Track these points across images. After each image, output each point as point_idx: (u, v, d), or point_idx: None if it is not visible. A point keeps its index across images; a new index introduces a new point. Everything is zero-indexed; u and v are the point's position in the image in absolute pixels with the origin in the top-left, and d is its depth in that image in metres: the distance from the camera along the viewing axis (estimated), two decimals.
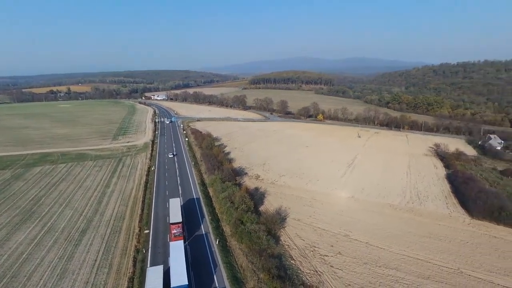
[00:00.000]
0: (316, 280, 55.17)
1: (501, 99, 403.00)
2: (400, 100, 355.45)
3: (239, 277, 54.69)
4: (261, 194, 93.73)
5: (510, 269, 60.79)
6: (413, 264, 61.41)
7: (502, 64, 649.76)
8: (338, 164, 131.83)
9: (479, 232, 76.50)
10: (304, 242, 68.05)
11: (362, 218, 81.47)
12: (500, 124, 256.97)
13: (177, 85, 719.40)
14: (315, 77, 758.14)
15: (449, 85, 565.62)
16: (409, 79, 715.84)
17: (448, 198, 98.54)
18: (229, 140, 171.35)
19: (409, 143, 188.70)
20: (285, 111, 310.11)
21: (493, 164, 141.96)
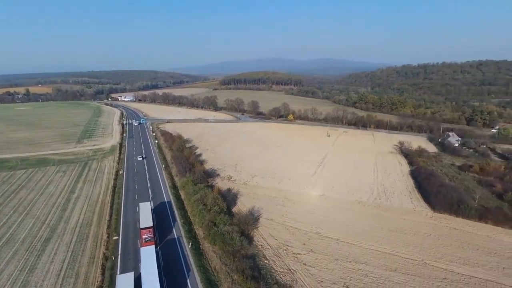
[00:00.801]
0: (289, 278, 55.91)
1: (458, 98, 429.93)
2: (366, 100, 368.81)
3: (213, 279, 54.24)
4: (234, 195, 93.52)
5: (468, 258, 64.92)
6: (381, 257, 63.88)
7: (458, 66, 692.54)
8: (309, 163, 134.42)
9: (441, 225, 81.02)
10: (277, 241, 68.72)
11: (332, 216, 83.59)
12: (458, 122, 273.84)
13: (145, 86, 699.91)
14: (285, 78, 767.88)
15: (411, 86, 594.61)
16: (374, 80, 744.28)
17: (412, 193, 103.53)
18: (201, 142, 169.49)
19: (376, 141, 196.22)
20: (256, 111, 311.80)
21: (451, 160, 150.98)
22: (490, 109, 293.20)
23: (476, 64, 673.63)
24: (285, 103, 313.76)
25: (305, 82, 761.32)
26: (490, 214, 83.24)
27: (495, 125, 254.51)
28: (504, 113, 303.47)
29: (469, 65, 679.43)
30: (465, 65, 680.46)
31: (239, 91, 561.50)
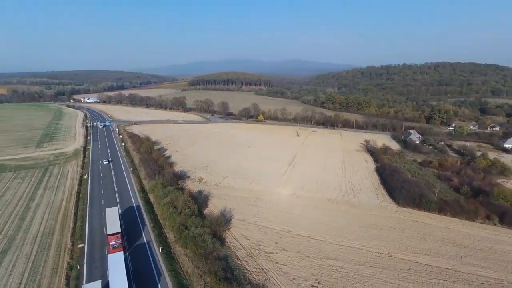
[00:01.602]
0: (262, 277, 56.27)
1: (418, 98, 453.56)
2: (334, 100, 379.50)
3: (185, 283, 53.38)
4: (205, 197, 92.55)
5: (429, 249, 68.77)
6: (350, 252, 66.01)
7: (418, 68, 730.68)
8: (280, 163, 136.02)
9: (405, 218, 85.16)
10: (249, 241, 68.91)
11: (303, 214, 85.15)
12: (418, 120, 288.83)
13: (111, 87, 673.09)
14: (254, 79, 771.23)
15: (375, 86, 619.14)
16: (341, 81, 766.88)
17: (378, 189, 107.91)
18: (170, 143, 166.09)
19: (343, 140, 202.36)
20: (226, 112, 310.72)
21: (413, 156, 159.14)
22: (446, 108, 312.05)
23: (434, 66, 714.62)
24: (255, 103, 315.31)
25: (275, 83, 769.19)
26: (448, 207, 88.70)
27: (451, 123, 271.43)
28: (459, 111, 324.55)
29: (428, 66, 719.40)
30: (424, 67, 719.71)
31: (208, 92, 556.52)
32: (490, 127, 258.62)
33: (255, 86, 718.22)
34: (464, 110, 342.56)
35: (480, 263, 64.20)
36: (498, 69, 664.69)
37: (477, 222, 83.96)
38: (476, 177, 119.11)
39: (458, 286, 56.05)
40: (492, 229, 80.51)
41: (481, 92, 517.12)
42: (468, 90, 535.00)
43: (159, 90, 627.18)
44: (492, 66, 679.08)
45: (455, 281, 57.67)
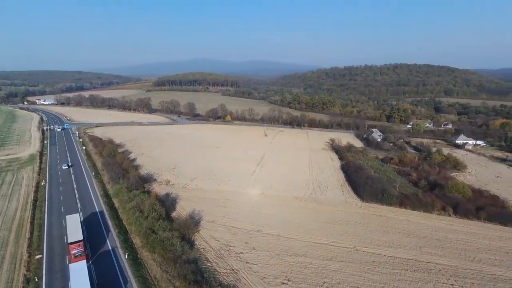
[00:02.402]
0: (233, 278, 56.11)
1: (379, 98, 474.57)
2: (300, 100, 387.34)
3: None
4: (173, 200, 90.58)
5: (392, 241, 72.26)
6: (318, 249, 67.67)
7: (378, 69, 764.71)
8: (248, 163, 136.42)
9: (369, 213, 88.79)
10: (219, 242, 68.43)
11: (272, 213, 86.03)
12: (379, 119, 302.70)
13: (69, 88, 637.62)
14: (221, 79, 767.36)
15: (339, 86, 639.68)
16: (306, 81, 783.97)
17: (343, 186, 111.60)
18: (134, 146, 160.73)
19: (309, 139, 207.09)
20: (193, 113, 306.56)
21: (375, 153, 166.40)
22: (405, 107, 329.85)
23: (393, 67, 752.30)
24: (222, 104, 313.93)
25: (242, 83, 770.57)
26: (408, 200, 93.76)
27: (409, 121, 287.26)
28: (416, 110, 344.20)
29: (387, 68, 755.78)
30: (384, 68, 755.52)
31: (174, 93, 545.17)
32: (444, 125, 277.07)
33: (222, 87, 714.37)
34: (421, 109, 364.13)
35: (437, 252, 68.43)
36: (449, 71, 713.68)
37: (434, 214, 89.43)
38: (432, 171, 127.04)
39: (418, 275, 59.33)
40: (447, 220, 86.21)
41: (435, 92, 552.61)
42: (424, 90, 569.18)
43: (122, 91, 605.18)
44: (445, 68, 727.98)
45: (415, 270, 61.00)
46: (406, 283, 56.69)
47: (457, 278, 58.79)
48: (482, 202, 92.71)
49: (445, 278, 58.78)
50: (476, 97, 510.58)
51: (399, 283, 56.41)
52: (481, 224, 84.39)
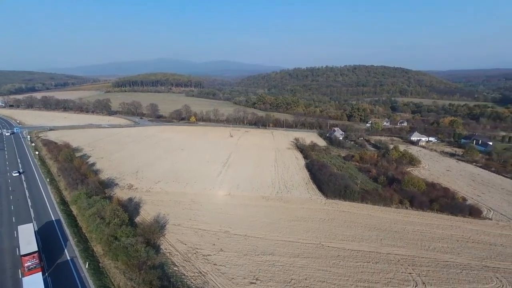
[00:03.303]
0: (201, 281, 55.39)
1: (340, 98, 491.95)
2: (264, 100, 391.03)
3: None
4: (136, 204, 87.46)
5: (355, 236, 75.31)
6: (285, 246, 68.76)
7: (338, 70, 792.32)
8: (214, 164, 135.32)
9: (333, 209, 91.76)
10: (186, 246, 67.22)
11: (239, 213, 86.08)
12: (341, 118, 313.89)
13: (19, 89, 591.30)
14: (185, 80, 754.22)
15: (302, 87, 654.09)
16: (270, 82, 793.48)
17: (308, 184, 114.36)
18: (93, 150, 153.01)
19: (275, 139, 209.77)
20: (156, 114, 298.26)
21: (338, 151, 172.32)
22: (364, 107, 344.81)
23: (352, 68, 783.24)
24: (186, 105, 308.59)
25: (206, 84, 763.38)
26: (369, 196, 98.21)
27: (368, 120, 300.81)
28: (374, 109, 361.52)
29: (347, 69, 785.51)
30: (344, 69, 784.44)
31: (136, 94, 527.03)
32: (400, 123, 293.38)
33: (185, 88, 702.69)
34: (378, 108, 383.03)
35: (396, 243, 72.37)
36: (404, 72, 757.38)
37: (392, 207, 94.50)
38: (390, 167, 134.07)
39: (379, 266, 62.33)
40: (404, 212, 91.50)
41: (391, 92, 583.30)
42: (381, 90, 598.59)
43: (78, 92, 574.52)
44: (399, 69, 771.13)
45: (377, 261, 64.04)
46: (369, 274, 59.31)
47: (414, 267, 62.55)
48: (435, 195, 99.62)
49: (403, 267, 62.29)
50: (427, 96, 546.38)
51: (362, 275, 58.89)
52: (435, 215, 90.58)
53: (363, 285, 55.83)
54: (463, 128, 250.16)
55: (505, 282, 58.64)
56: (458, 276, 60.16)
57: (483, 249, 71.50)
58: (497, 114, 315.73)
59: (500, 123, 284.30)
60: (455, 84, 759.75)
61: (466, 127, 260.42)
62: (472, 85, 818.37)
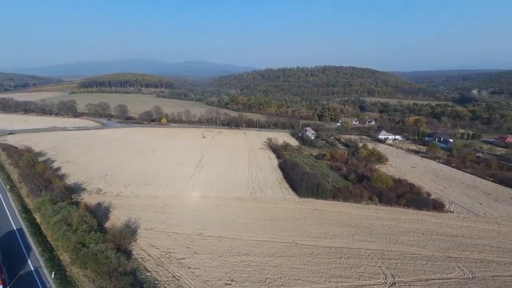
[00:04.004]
0: (175, 285, 54.41)
1: (311, 98, 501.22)
2: (237, 101, 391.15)
3: None
4: (106, 210, 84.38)
5: (327, 233, 77.09)
6: (260, 246, 69.10)
7: (309, 70, 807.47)
8: (187, 165, 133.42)
9: (306, 208, 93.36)
10: (159, 250, 65.75)
11: (213, 215, 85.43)
12: (312, 118, 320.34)
13: None
14: (155, 80, 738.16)
15: (274, 87, 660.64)
16: (243, 82, 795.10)
17: (281, 183, 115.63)
18: (58, 154, 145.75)
19: (247, 139, 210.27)
20: (125, 116, 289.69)
21: (310, 151, 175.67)
22: (334, 107, 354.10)
23: (322, 69, 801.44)
24: (157, 106, 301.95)
25: (177, 85, 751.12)
26: (340, 193, 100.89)
27: (338, 119, 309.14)
28: (344, 109, 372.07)
29: (317, 69, 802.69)
30: (314, 70, 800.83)
31: (103, 95, 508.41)
32: (368, 122, 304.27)
33: (156, 88, 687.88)
34: (348, 108, 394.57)
35: (366, 238, 74.88)
36: (371, 73, 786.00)
37: (362, 204, 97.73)
38: (360, 165, 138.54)
39: (351, 261, 64.22)
40: (374, 208, 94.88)
41: (360, 92, 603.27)
42: (350, 90, 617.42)
43: (40, 93, 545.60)
44: (367, 70, 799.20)
45: (348, 257, 65.94)
46: (341, 269, 60.94)
47: (384, 260, 65.03)
48: (402, 190, 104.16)
49: (373, 261, 64.59)
50: (393, 96, 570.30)
51: (335, 271, 60.40)
52: (402, 209, 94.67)
53: (336, 281, 57.27)
54: (426, 127, 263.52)
55: (466, 271, 62.35)
56: (424, 267, 63.23)
57: (446, 241, 75.60)
58: (457, 113, 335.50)
59: (459, 121, 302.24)
60: (418, 84, 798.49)
61: (429, 125, 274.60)
62: (434, 85, 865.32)
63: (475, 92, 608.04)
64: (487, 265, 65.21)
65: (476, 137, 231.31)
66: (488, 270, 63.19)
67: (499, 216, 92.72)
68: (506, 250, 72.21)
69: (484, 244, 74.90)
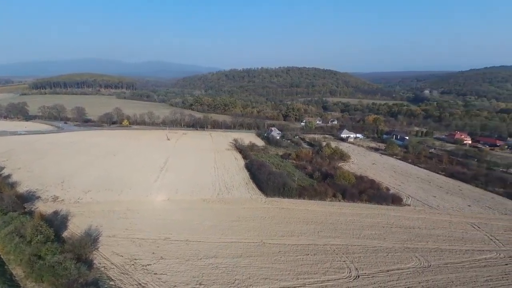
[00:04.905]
0: None
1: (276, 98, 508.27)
2: (202, 102, 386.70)
3: None
4: (63, 218, 79.61)
5: (294, 231, 78.57)
6: (228, 248, 68.83)
7: (273, 71, 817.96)
8: (151, 168, 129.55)
9: (273, 207, 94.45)
10: (122, 257, 63.24)
11: (180, 218, 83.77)
12: (277, 118, 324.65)
13: None
14: (115, 81, 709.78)
15: (239, 88, 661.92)
16: (207, 83, 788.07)
17: (248, 184, 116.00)
18: (8, 160, 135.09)
19: (213, 140, 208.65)
20: (83, 119, 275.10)
21: (275, 150, 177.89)
22: (298, 107, 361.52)
23: (286, 70, 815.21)
24: (117, 108, 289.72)
25: (138, 85, 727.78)
26: (305, 191, 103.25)
27: (303, 119, 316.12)
28: (308, 109, 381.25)
29: (281, 70, 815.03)
30: (278, 71, 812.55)
31: (58, 96, 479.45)
32: (331, 121, 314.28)
33: (116, 89, 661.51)
34: (311, 108, 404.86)
35: (331, 234, 77.31)
36: (332, 73, 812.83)
37: (327, 201, 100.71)
38: (324, 163, 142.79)
39: (317, 257, 65.99)
40: (338, 205, 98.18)
41: (322, 92, 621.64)
42: (313, 91, 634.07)
43: None
44: (328, 71, 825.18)
45: (315, 253, 67.68)
46: (308, 266, 62.40)
47: (348, 255, 67.54)
48: (363, 186, 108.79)
49: (338, 256, 66.87)
50: (354, 96, 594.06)
51: (302, 268, 61.73)
52: (364, 205, 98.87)
53: (303, 277, 58.55)
54: (385, 125, 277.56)
55: (422, 260, 66.50)
56: (384, 259, 66.52)
57: (404, 233, 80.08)
58: (411, 111, 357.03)
59: (414, 120, 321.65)
60: (376, 85, 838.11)
61: (387, 124, 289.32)
62: (390, 85, 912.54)
63: (427, 92, 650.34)
64: (441, 254, 70.01)
65: (429, 134, 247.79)
66: (442, 258, 67.88)
67: (450, 208, 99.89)
68: (457, 239, 78.01)
69: (438, 234, 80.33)
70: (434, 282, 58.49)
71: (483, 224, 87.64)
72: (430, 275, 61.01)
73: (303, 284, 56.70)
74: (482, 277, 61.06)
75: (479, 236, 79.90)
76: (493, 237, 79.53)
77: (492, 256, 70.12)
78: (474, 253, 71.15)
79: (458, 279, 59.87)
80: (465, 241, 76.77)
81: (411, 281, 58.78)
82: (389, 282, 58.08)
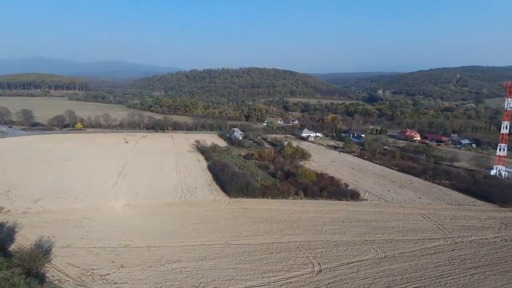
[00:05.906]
0: None
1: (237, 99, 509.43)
2: (161, 103, 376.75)
3: None
4: (10, 230, 73.24)
5: (258, 230, 79.12)
6: (192, 251, 67.66)
7: (234, 72, 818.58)
8: (108, 173, 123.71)
9: (236, 208, 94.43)
10: (79, 268, 59.65)
11: (140, 224, 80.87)
12: (239, 119, 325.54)
13: None
14: (66, 81, 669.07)
15: (200, 89, 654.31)
16: (167, 84, 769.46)
17: (211, 185, 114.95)
18: None
19: (175, 142, 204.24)
20: (31, 122, 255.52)
21: (238, 151, 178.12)
22: (260, 107, 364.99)
23: (247, 71, 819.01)
24: (70, 110, 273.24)
25: (93, 86, 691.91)
26: (269, 191, 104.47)
27: (264, 119, 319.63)
28: (269, 109, 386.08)
29: (242, 71, 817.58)
30: (239, 71, 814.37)
31: (1, 98, 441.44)
32: (292, 121, 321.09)
33: (68, 90, 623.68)
34: (273, 108, 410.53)
35: (294, 231, 78.98)
36: (292, 74, 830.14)
37: (289, 199, 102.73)
38: (286, 162, 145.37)
39: (281, 255, 67.06)
40: (300, 203, 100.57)
41: (283, 93, 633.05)
42: (274, 91, 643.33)
43: None
44: (288, 72, 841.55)
45: (279, 251, 68.72)
46: (272, 264, 63.21)
47: (311, 251, 69.41)
48: (324, 183, 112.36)
49: (302, 252, 68.49)
50: (313, 96, 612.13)
51: (267, 266, 62.40)
52: (324, 201, 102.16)
53: (268, 276, 59.20)
54: (342, 124, 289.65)
55: (379, 251, 70.18)
56: (345, 252, 69.27)
57: (362, 226, 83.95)
58: (367, 110, 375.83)
59: (369, 118, 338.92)
60: (334, 85, 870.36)
61: (344, 122, 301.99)
62: (347, 86, 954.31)
63: (381, 92, 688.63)
64: (395, 244, 74.36)
65: (383, 132, 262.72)
66: (397, 248, 72.13)
67: (403, 200, 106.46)
68: (409, 229, 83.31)
69: (393, 226, 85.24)
70: (390, 271, 61.96)
71: (432, 214, 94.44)
72: (386, 265, 64.55)
73: (268, 282, 57.30)
74: (432, 263, 65.78)
75: (429, 226, 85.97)
76: (441, 225, 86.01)
77: (440, 243, 75.79)
78: (425, 241, 76.40)
79: (411, 267, 63.93)
80: (416, 231, 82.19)
81: (369, 271, 61.75)
82: (350, 274, 60.56)
